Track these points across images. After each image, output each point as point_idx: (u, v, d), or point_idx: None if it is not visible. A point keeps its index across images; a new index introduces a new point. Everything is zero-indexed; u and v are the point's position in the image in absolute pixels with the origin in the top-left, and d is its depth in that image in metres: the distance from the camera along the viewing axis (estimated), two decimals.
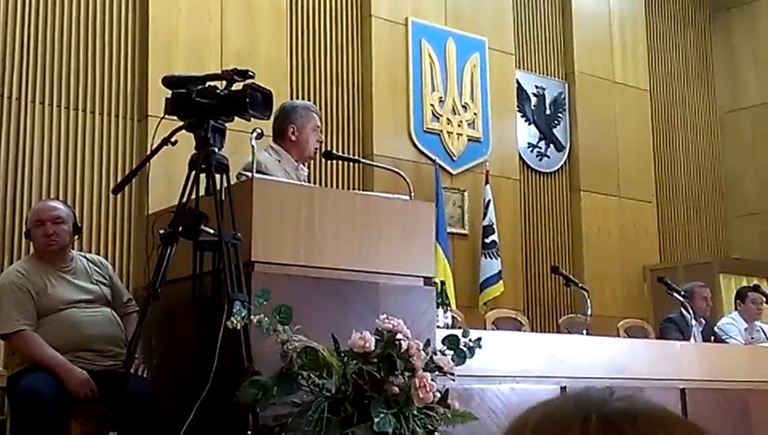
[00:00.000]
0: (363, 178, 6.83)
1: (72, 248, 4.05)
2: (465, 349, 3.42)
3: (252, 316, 3.04)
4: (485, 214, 7.28)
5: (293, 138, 4.39)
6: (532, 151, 8.20)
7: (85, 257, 4.06)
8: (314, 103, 6.02)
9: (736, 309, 7.08)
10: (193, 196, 3.26)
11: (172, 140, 3.32)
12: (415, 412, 3.15)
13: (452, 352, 3.38)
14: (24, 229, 4.13)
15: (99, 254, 5.08)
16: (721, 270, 8.45)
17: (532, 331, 6.89)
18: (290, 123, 4.40)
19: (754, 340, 6.79)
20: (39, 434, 3.47)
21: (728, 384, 5.20)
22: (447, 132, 7.37)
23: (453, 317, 4.87)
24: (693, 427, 0.91)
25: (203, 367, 3.06)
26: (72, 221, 3.95)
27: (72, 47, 5.75)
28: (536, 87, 8.31)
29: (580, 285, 5.94)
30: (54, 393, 3.53)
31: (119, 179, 5.27)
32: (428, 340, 3.38)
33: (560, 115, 8.42)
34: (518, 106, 8.05)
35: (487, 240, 7.24)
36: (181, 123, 3.34)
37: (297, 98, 6.34)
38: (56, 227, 3.86)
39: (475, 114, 7.55)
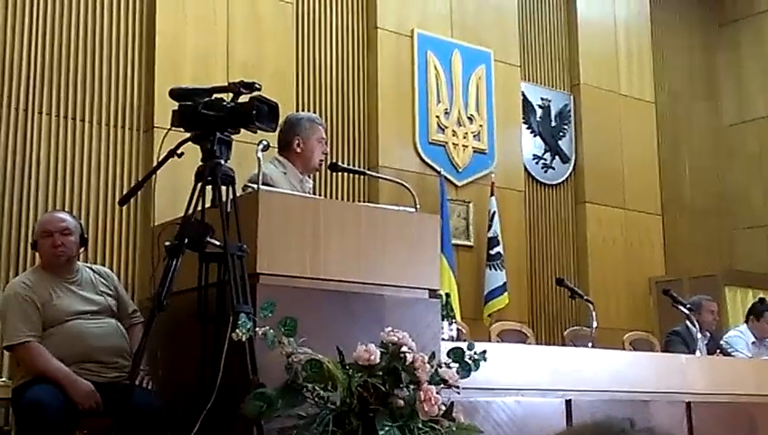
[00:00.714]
0: (368, 190, 6.83)
1: (78, 260, 4.05)
2: (469, 361, 3.41)
3: (257, 328, 3.04)
4: (490, 226, 7.27)
5: (299, 150, 4.40)
6: (537, 163, 8.20)
7: (91, 269, 4.07)
8: (320, 115, 6.03)
9: (747, 323, 7.04)
10: (199, 208, 3.26)
11: (178, 151, 3.32)
12: (420, 425, 3.14)
13: (457, 365, 3.38)
14: (29, 240, 4.14)
15: (104, 265, 5.09)
16: (726, 282, 8.44)
17: (537, 343, 6.87)
18: (295, 135, 4.41)
19: (761, 353, 6.77)
20: None
21: (734, 398, 5.18)
22: (453, 144, 7.37)
23: (458, 329, 4.86)
24: None
25: (208, 379, 3.06)
26: (79, 233, 3.97)
27: (79, 58, 5.77)
28: (541, 99, 8.32)
29: (585, 297, 5.92)
30: (59, 405, 3.53)
31: (125, 191, 5.30)
32: (433, 352, 3.37)
33: (565, 127, 8.42)
34: (523, 118, 8.06)
35: (492, 252, 7.23)
36: (188, 135, 3.35)
37: (303, 110, 6.36)
38: (64, 238, 3.87)
39: (481, 126, 7.56)
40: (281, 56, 6.48)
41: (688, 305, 6.23)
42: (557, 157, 8.32)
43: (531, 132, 8.20)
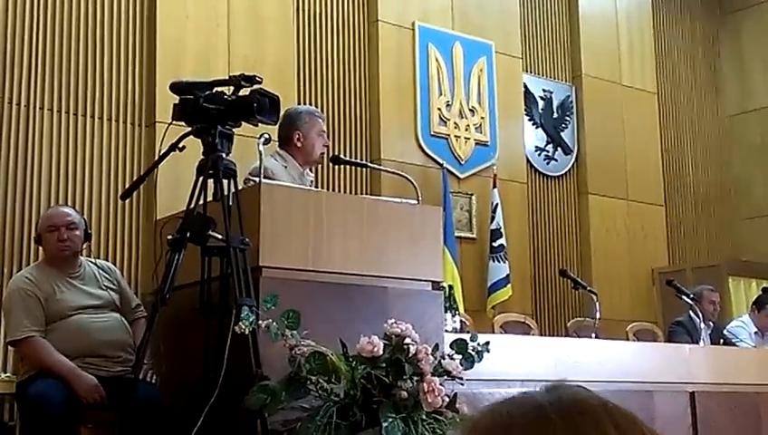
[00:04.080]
0: (371, 183, 6.82)
1: (82, 254, 4.06)
2: (473, 353, 3.41)
3: (260, 321, 3.04)
4: (493, 218, 7.27)
5: (299, 144, 4.40)
6: (539, 155, 8.19)
7: (94, 263, 4.08)
8: (321, 108, 6.04)
9: (750, 313, 7.04)
10: (201, 201, 3.26)
11: (180, 145, 3.33)
12: (423, 417, 3.15)
13: (460, 357, 3.38)
14: (32, 236, 4.14)
15: (107, 259, 5.10)
16: (730, 273, 8.43)
17: (541, 334, 6.87)
18: (295, 130, 4.41)
19: (764, 343, 6.77)
20: None
21: (738, 388, 5.19)
22: (455, 136, 7.36)
23: (461, 321, 4.86)
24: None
25: (211, 372, 3.07)
26: (83, 227, 3.98)
27: (80, 53, 5.76)
28: (543, 90, 8.30)
29: (588, 288, 5.92)
30: (63, 399, 3.54)
31: (127, 185, 5.29)
32: (437, 344, 3.38)
33: (567, 118, 8.41)
34: (525, 109, 8.04)
35: (495, 244, 7.23)
36: (189, 129, 3.35)
37: (304, 103, 6.35)
38: (69, 232, 3.88)
39: (483, 118, 7.55)
40: (282, 50, 6.48)
41: (692, 296, 6.23)
42: (559, 148, 8.31)
43: (533, 124, 8.18)
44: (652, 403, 4.63)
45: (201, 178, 3.27)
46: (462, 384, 3.35)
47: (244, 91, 3.33)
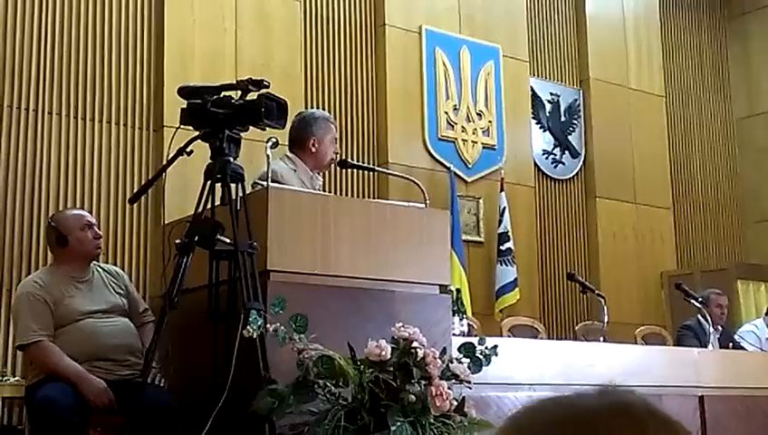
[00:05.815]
0: (378, 187, 6.83)
1: None
2: (481, 356, 3.41)
3: (268, 325, 3.05)
4: (501, 221, 7.26)
5: (314, 149, 4.38)
6: (547, 158, 8.18)
7: (102, 268, 4.09)
8: (329, 112, 6.04)
9: (766, 316, 7.01)
10: (209, 205, 3.27)
11: (188, 150, 3.33)
12: (431, 421, 3.15)
13: (468, 360, 3.38)
14: (41, 239, 4.15)
15: (115, 264, 5.11)
16: (738, 276, 8.41)
17: (549, 338, 6.86)
18: (311, 134, 4.38)
19: None
20: None
21: (747, 391, 5.17)
22: (462, 140, 7.37)
23: (469, 325, 4.86)
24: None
25: (219, 376, 3.07)
26: None
27: (89, 58, 5.78)
28: (551, 94, 8.30)
29: (596, 291, 5.91)
30: (72, 403, 3.54)
31: (135, 189, 5.31)
32: (444, 348, 3.37)
33: (574, 122, 8.40)
34: (533, 113, 8.04)
35: (503, 247, 7.22)
36: (197, 133, 3.36)
37: (311, 107, 6.36)
38: (99, 231, 3.96)
39: (490, 122, 7.55)
40: (289, 54, 6.49)
41: (700, 299, 6.22)
42: (567, 152, 8.30)
43: (540, 128, 8.18)
44: (660, 407, 4.61)
45: (209, 183, 3.27)
46: (470, 388, 3.34)
47: (252, 96, 3.34)
